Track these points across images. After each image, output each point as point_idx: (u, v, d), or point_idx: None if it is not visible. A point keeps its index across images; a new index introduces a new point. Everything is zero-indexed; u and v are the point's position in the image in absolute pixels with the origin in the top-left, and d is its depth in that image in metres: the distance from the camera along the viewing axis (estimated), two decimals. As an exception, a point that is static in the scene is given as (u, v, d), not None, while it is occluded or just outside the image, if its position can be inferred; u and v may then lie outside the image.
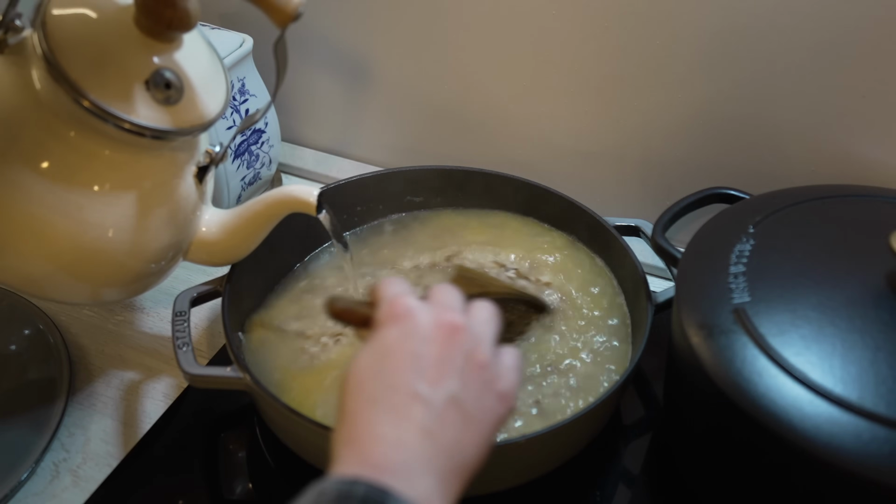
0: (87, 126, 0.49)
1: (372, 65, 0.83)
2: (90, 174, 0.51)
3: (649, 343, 0.58)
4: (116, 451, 0.60)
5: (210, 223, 0.60)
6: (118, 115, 0.48)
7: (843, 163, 0.69)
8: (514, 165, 0.77)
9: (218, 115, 0.54)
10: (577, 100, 0.76)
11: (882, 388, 0.43)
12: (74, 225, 0.51)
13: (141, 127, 0.49)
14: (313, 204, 0.57)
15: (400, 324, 0.40)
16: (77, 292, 0.56)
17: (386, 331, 0.40)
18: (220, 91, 0.56)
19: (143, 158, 0.53)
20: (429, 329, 0.39)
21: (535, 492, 0.57)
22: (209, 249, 0.60)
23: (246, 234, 0.60)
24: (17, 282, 0.53)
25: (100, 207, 0.51)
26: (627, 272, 0.66)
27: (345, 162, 0.91)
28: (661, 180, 0.77)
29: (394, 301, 0.41)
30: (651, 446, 0.63)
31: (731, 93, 0.70)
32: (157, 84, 0.50)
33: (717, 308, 0.50)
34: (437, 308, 0.41)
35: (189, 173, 0.57)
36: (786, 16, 0.64)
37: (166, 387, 0.65)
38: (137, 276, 0.57)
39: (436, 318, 0.40)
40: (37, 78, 0.49)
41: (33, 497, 0.57)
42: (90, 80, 0.48)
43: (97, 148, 0.50)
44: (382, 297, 0.42)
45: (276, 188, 0.59)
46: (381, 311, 0.41)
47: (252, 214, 0.59)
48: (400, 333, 0.39)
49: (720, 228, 0.57)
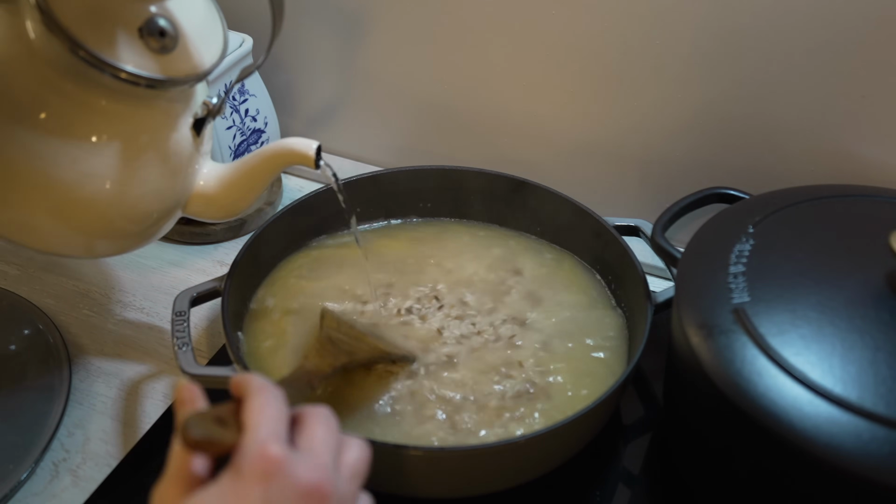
0: (83, 76, 0.49)
1: (372, 65, 0.83)
2: (86, 125, 0.51)
3: (649, 343, 0.58)
4: (116, 451, 0.61)
5: (208, 176, 0.59)
6: (113, 63, 0.48)
7: (843, 163, 0.69)
8: (514, 165, 0.77)
9: (214, 64, 0.54)
10: (577, 99, 0.76)
11: (882, 388, 0.43)
12: (71, 176, 0.51)
13: (136, 76, 0.49)
14: (311, 157, 0.56)
15: (264, 484, 0.34)
16: (73, 244, 0.56)
17: (249, 490, 0.34)
18: (217, 41, 0.55)
19: (138, 109, 0.52)
20: (296, 496, 0.35)
21: (535, 492, 0.57)
22: (207, 202, 0.60)
23: (244, 187, 0.59)
24: (13, 233, 0.53)
25: (96, 158, 0.51)
26: (627, 272, 0.66)
27: (345, 162, 0.91)
28: (660, 180, 0.77)
29: (263, 450, 0.35)
30: (651, 446, 0.63)
31: (731, 92, 0.70)
32: (152, 32, 0.49)
33: (716, 308, 0.50)
34: (307, 464, 0.36)
35: (186, 125, 0.56)
36: (786, 15, 0.64)
37: (166, 387, 0.65)
38: (135, 229, 0.57)
39: (304, 483, 0.35)
40: (30, 28, 0.48)
41: (33, 497, 0.57)
42: (84, 29, 0.47)
43: (92, 98, 0.50)
44: (250, 432, 0.36)
45: (274, 141, 0.58)
46: (247, 457, 0.35)
47: (250, 168, 0.58)
48: (261, 497, 0.34)
49: (720, 228, 0.57)
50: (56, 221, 0.53)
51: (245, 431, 0.37)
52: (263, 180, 0.59)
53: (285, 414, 0.38)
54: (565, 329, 0.65)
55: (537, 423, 0.56)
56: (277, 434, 0.37)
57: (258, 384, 0.39)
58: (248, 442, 0.36)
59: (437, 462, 0.52)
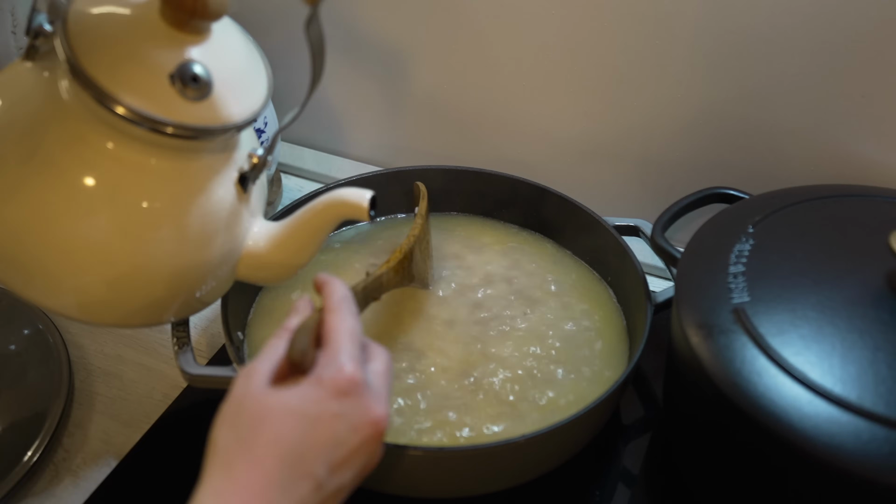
0: (119, 132, 0.46)
1: (371, 65, 0.83)
2: (130, 185, 0.47)
3: (649, 343, 0.58)
4: (116, 451, 0.60)
5: (258, 236, 0.55)
6: (144, 113, 0.45)
7: (842, 163, 0.69)
8: (514, 165, 0.77)
9: (257, 111, 0.50)
10: (577, 99, 0.76)
11: (881, 388, 0.43)
12: (118, 245, 0.47)
13: (169, 125, 0.46)
14: (366, 208, 0.52)
15: (340, 400, 0.40)
16: (116, 314, 0.51)
17: (326, 399, 0.40)
18: (260, 85, 0.51)
19: (180, 163, 0.48)
20: (360, 421, 0.40)
21: (535, 492, 0.57)
22: (258, 264, 0.55)
23: (296, 245, 0.54)
24: (69, 309, 0.50)
25: (144, 222, 0.48)
26: (627, 272, 0.66)
27: (345, 162, 0.91)
28: (660, 180, 0.77)
29: (342, 368, 0.41)
30: (651, 446, 0.63)
31: (732, 92, 0.70)
32: (184, 78, 0.46)
33: (716, 308, 0.50)
34: (377, 398, 0.42)
35: (231, 180, 0.52)
36: (786, 16, 0.64)
37: (166, 387, 0.65)
38: (187, 297, 0.53)
39: (369, 413, 0.41)
40: (64, 86, 0.46)
41: (33, 497, 0.57)
42: (116, 81, 0.45)
43: (133, 154, 0.47)
44: (331, 348, 0.42)
45: (326, 193, 0.54)
46: (327, 371, 0.41)
47: (301, 223, 0.54)
48: (336, 411, 0.40)
49: (720, 228, 0.57)
50: (103, 295, 0.49)
51: (326, 346, 0.42)
52: (318, 237, 0.54)
53: (359, 330, 0.44)
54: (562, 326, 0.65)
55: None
56: (353, 355, 0.42)
57: (338, 298, 0.45)
58: (329, 358, 0.41)
59: (437, 462, 0.52)
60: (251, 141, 0.56)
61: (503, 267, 0.70)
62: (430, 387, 0.59)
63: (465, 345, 0.62)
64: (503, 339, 0.63)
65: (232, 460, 0.38)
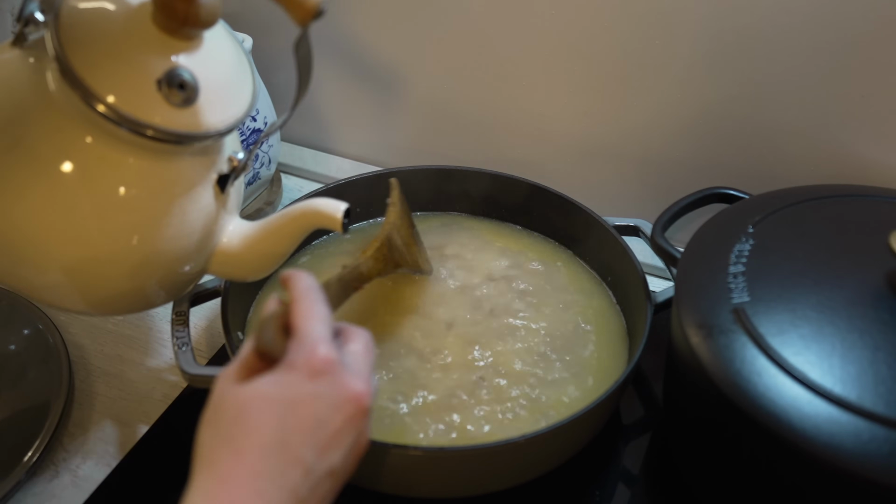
0: (102, 129, 0.47)
1: (371, 65, 0.83)
2: (105, 180, 0.48)
3: (649, 343, 0.58)
4: (116, 451, 0.61)
5: (233, 234, 0.56)
6: (130, 117, 0.46)
7: (842, 163, 0.69)
8: (514, 165, 0.77)
9: (240, 119, 0.51)
10: (577, 99, 0.76)
11: (881, 388, 0.43)
12: (89, 232, 0.48)
13: (154, 130, 0.47)
14: (339, 220, 0.53)
15: (316, 381, 0.40)
16: (89, 302, 0.53)
17: (301, 382, 0.39)
18: (245, 94, 0.52)
19: (158, 164, 0.49)
20: (340, 399, 0.40)
21: (535, 492, 0.57)
22: (230, 261, 0.56)
23: (268, 247, 0.56)
24: (31, 291, 0.51)
25: (117, 215, 0.49)
26: (627, 272, 0.66)
27: (344, 162, 0.91)
28: (660, 180, 0.77)
29: (314, 350, 0.40)
30: (651, 446, 0.63)
31: (731, 92, 0.70)
32: (171, 84, 0.47)
33: (716, 308, 0.50)
34: (353, 374, 0.41)
35: (209, 181, 0.53)
36: (786, 16, 0.64)
37: (166, 387, 0.65)
38: (154, 288, 0.54)
39: (348, 389, 0.40)
40: (50, 78, 0.47)
41: (33, 497, 0.57)
42: (102, 81, 0.45)
43: (111, 152, 0.48)
44: (300, 333, 0.41)
45: (302, 201, 0.55)
46: (300, 354, 0.40)
47: (274, 227, 0.55)
48: (313, 392, 0.39)
49: (720, 228, 0.57)
50: (73, 279, 0.50)
51: (295, 333, 0.42)
52: (288, 242, 0.56)
53: (327, 316, 0.43)
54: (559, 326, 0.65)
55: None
56: (324, 337, 0.41)
57: (303, 287, 0.44)
58: (299, 343, 0.41)
59: (436, 462, 0.52)
60: (233, 144, 0.57)
61: (503, 266, 0.70)
62: (430, 387, 0.59)
63: (465, 344, 0.62)
64: (503, 339, 0.63)
65: (216, 458, 0.37)
